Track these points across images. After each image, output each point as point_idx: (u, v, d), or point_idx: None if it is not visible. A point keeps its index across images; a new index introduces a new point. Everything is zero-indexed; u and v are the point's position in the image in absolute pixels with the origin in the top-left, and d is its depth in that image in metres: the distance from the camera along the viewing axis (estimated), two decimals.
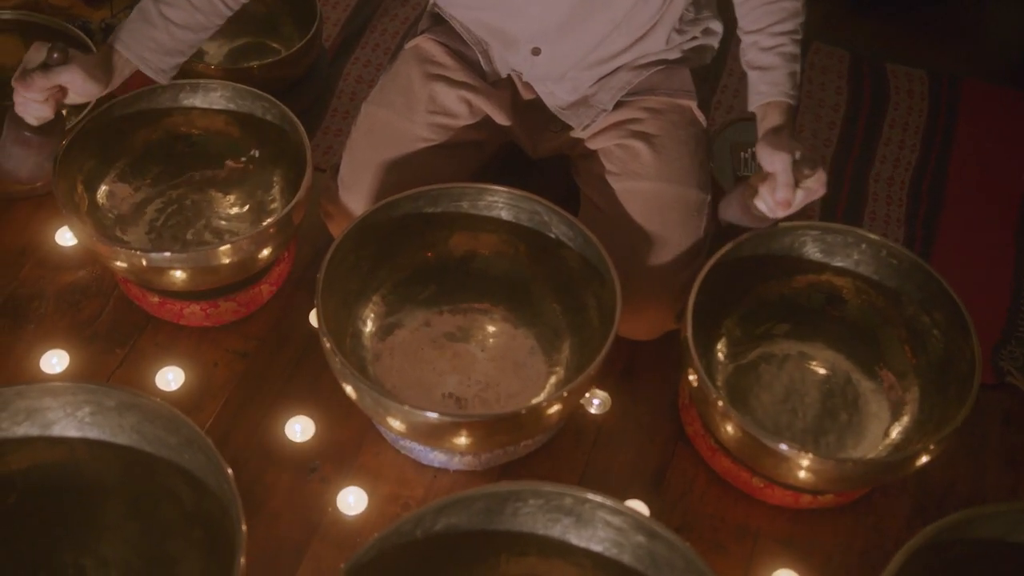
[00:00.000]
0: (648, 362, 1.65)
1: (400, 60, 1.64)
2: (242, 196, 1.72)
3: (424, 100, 1.58)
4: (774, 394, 1.55)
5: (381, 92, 1.64)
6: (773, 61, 1.44)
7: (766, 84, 1.44)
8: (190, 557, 1.29)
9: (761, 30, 1.45)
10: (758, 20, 1.45)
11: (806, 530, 1.49)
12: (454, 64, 1.59)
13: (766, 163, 1.39)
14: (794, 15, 1.44)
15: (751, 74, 1.47)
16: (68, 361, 1.59)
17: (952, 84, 2.13)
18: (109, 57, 1.45)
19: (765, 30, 1.44)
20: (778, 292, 1.58)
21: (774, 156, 1.37)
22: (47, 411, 1.29)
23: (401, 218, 1.53)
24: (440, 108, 1.58)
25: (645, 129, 1.57)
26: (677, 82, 1.60)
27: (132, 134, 1.67)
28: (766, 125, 1.43)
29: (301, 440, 1.53)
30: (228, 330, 1.65)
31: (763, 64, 1.45)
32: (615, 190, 1.56)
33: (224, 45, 2.02)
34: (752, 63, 1.46)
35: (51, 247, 1.73)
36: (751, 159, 1.88)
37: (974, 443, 1.61)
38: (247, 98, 1.66)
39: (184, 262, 1.47)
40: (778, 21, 1.44)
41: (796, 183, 1.37)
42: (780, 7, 1.44)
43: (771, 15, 1.44)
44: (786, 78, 1.43)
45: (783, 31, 1.44)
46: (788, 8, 1.44)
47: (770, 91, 1.44)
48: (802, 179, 1.36)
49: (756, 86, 1.46)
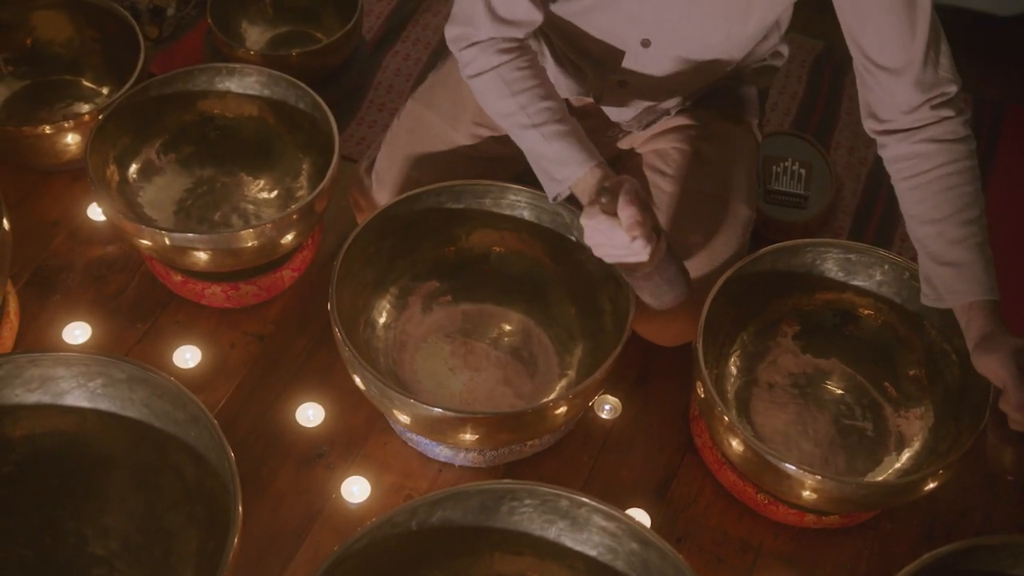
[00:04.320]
0: (663, 370, 1.64)
1: (452, 61, 1.63)
2: (271, 181, 1.74)
3: (471, 109, 1.59)
4: (785, 411, 1.53)
5: (430, 91, 1.64)
6: (967, 256, 1.27)
7: (964, 283, 1.27)
8: (188, 533, 1.30)
9: (946, 219, 1.28)
10: (939, 208, 1.28)
11: (809, 550, 1.48)
12: None
13: (986, 372, 1.25)
14: (977, 199, 1.29)
15: (939, 269, 1.29)
16: (90, 333, 1.62)
17: (995, 109, 2.10)
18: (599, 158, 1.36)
19: (950, 219, 1.28)
20: (796, 308, 1.57)
21: (993, 361, 1.22)
22: (60, 380, 1.32)
23: (423, 212, 1.53)
24: (485, 121, 1.58)
25: (707, 137, 1.57)
26: (743, 99, 1.61)
27: (167, 114, 1.70)
28: (974, 332, 1.26)
29: (310, 426, 1.54)
30: (247, 313, 1.66)
31: (955, 260, 1.28)
32: (668, 193, 1.56)
33: (266, 32, 2.04)
34: (940, 257, 1.29)
35: (83, 221, 1.76)
36: (783, 174, 1.87)
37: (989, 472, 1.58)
38: (281, 85, 1.68)
39: (206, 243, 1.49)
40: (963, 208, 1.28)
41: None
42: (963, 192, 1.28)
43: (953, 202, 1.28)
44: (984, 273, 1.27)
45: (970, 219, 1.28)
46: (971, 192, 1.28)
47: (970, 290, 1.27)
48: None
49: (950, 284, 1.29)
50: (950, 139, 1.28)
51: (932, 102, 1.28)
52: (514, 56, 1.38)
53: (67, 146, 1.73)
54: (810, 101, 2.07)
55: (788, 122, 2.03)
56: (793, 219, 1.81)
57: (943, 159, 1.28)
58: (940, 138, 1.28)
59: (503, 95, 1.37)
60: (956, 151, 1.29)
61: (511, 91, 1.37)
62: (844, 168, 1.96)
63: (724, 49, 1.41)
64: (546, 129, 1.35)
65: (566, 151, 1.34)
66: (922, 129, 1.29)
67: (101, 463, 1.36)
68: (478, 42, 1.38)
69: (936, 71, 1.27)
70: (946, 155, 1.28)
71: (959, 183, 1.28)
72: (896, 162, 1.32)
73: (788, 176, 1.87)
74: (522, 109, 1.36)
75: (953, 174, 1.28)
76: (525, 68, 1.38)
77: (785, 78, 2.10)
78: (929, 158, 1.29)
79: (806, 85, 2.09)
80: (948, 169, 1.28)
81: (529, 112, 1.36)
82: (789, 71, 2.11)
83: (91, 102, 1.88)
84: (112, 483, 1.35)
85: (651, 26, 1.36)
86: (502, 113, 1.39)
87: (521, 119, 1.37)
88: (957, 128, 1.29)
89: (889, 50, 1.26)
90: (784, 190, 1.84)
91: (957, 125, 1.29)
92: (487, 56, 1.37)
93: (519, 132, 1.38)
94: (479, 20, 1.36)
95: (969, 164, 1.29)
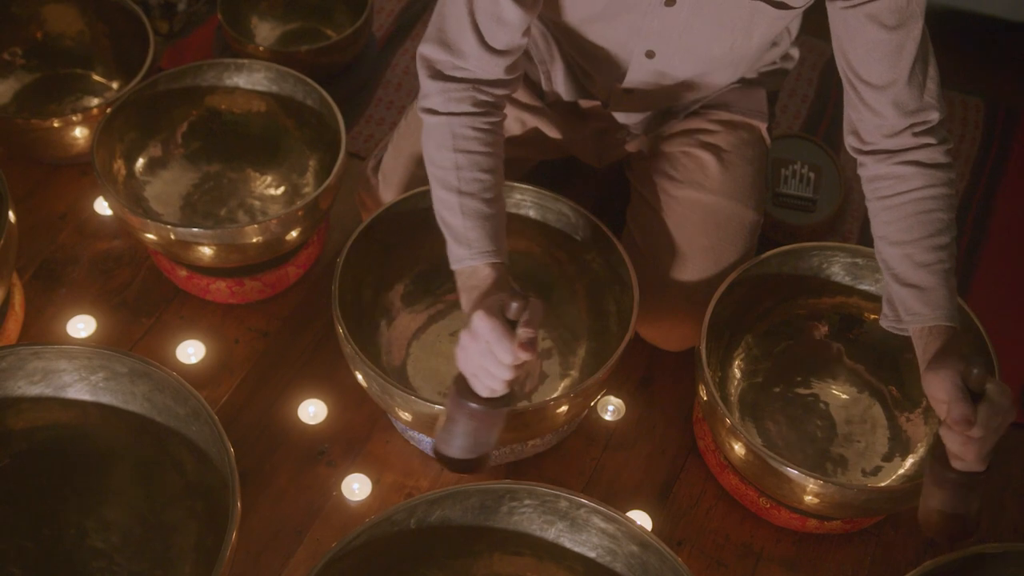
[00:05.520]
0: (668, 373, 1.64)
1: None
2: (278, 178, 1.74)
3: None
4: (788, 415, 1.53)
5: None
6: (932, 281, 1.25)
7: (925, 306, 1.25)
8: (188, 527, 1.30)
9: (914, 241, 1.26)
10: (909, 230, 1.27)
11: (810, 555, 1.47)
12: None
13: (930, 392, 1.19)
14: (950, 228, 1.27)
15: (901, 290, 1.27)
16: (95, 327, 1.62)
17: (1009, 115, 2.08)
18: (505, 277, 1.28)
19: (920, 242, 1.26)
20: (801, 312, 1.56)
21: (938, 378, 1.18)
22: (62, 373, 1.32)
23: (428, 209, 1.52)
24: None
25: (715, 142, 1.57)
26: (753, 102, 1.60)
27: (175, 109, 1.70)
28: (928, 355, 1.23)
29: (313, 423, 1.54)
30: (252, 308, 1.66)
31: (919, 282, 1.25)
32: (674, 196, 1.55)
33: (276, 28, 2.04)
34: (903, 279, 1.27)
35: (90, 214, 1.77)
36: (792, 177, 1.86)
37: (996, 481, 1.57)
38: (289, 81, 1.68)
39: (210, 238, 1.49)
40: (934, 234, 1.26)
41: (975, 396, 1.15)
42: (935, 218, 1.26)
43: (925, 226, 1.26)
44: (947, 300, 1.24)
45: (940, 245, 1.26)
46: (944, 220, 1.26)
47: (931, 314, 1.24)
48: (978, 386, 1.15)
49: (910, 305, 1.26)
50: (929, 164, 1.27)
51: (914, 128, 1.27)
52: (479, 113, 1.30)
53: (75, 139, 1.73)
54: (820, 104, 2.06)
55: (798, 124, 2.02)
56: (801, 222, 1.80)
57: (920, 183, 1.27)
58: (919, 162, 1.27)
59: (444, 146, 1.29)
60: (934, 177, 1.27)
61: (454, 146, 1.28)
62: (853, 172, 1.94)
63: (729, 59, 1.41)
64: (468, 201, 1.27)
65: (474, 233, 1.27)
66: (902, 152, 1.28)
67: (102, 456, 1.36)
68: (455, 79, 1.29)
69: (921, 95, 1.26)
70: (924, 179, 1.27)
71: (933, 208, 1.27)
72: (873, 182, 1.31)
73: (797, 179, 1.86)
74: (456, 169, 1.28)
75: (928, 199, 1.27)
76: (483, 131, 1.30)
77: (795, 80, 2.09)
78: (906, 180, 1.28)
79: (816, 88, 2.08)
80: (924, 193, 1.27)
81: (461, 176, 1.28)
82: (799, 73, 2.10)
83: (101, 96, 1.89)
84: (113, 476, 1.36)
85: (655, 38, 1.35)
86: (435, 163, 1.30)
87: (449, 178, 1.28)
88: (938, 156, 1.28)
89: (875, 65, 1.25)
90: (792, 193, 1.83)
91: (938, 153, 1.28)
92: (455, 100, 1.29)
93: (439, 189, 1.29)
94: (467, 50, 1.27)
95: (946, 192, 1.28)
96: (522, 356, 1.13)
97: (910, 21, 1.23)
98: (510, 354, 1.13)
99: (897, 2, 1.22)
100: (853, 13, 1.24)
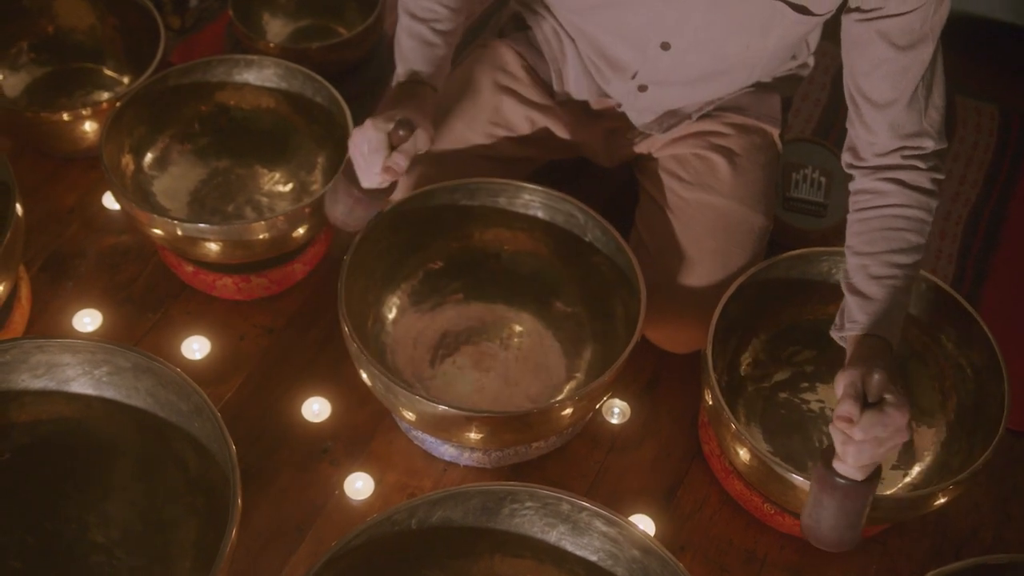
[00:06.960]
0: (674, 376, 1.63)
1: (474, 59, 1.63)
2: (286, 174, 1.74)
3: (489, 110, 1.58)
4: (793, 420, 1.52)
5: (447, 90, 1.63)
6: (879, 293, 1.25)
7: (865, 315, 1.25)
8: (189, 523, 1.30)
9: (874, 255, 1.26)
10: (872, 243, 1.27)
11: (815, 562, 1.46)
12: (527, 79, 1.58)
13: (836, 388, 1.17)
14: (916, 249, 1.26)
15: (849, 298, 1.27)
16: (100, 321, 1.62)
17: (1023, 121, 2.06)
18: (426, 98, 1.38)
19: (879, 256, 1.26)
20: (809, 317, 1.55)
21: (841, 376, 1.16)
22: (66, 367, 1.32)
23: (436, 208, 1.53)
24: (503, 121, 1.58)
25: (727, 145, 1.56)
26: (766, 107, 1.59)
27: (184, 104, 1.70)
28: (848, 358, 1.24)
29: (316, 421, 1.54)
30: (258, 305, 1.66)
31: (868, 292, 1.25)
32: (684, 198, 1.54)
33: (288, 25, 2.04)
34: (855, 287, 1.27)
35: (98, 209, 1.77)
36: (803, 181, 1.85)
37: (1003, 491, 1.55)
38: (298, 78, 1.68)
39: (217, 234, 1.48)
40: (896, 251, 1.26)
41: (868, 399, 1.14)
42: (902, 237, 1.26)
43: (889, 242, 1.26)
44: (887, 315, 1.24)
45: (900, 263, 1.26)
46: (911, 241, 1.26)
47: (867, 323, 1.24)
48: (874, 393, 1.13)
49: (852, 313, 1.26)
50: (911, 186, 1.27)
51: (904, 152, 1.27)
52: None
53: (84, 133, 1.73)
54: (833, 108, 2.04)
55: (810, 129, 2.01)
56: (811, 227, 1.79)
57: (896, 200, 1.27)
58: (902, 181, 1.27)
59: None
60: (912, 198, 1.27)
61: None
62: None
63: (743, 58, 1.40)
64: (416, 25, 1.40)
65: (413, 54, 1.40)
66: (887, 169, 1.28)
67: (104, 451, 1.36)
68: None
69: (920, 120, 1.26)
70: (901, 198, 1.27)
71: (903, 227, 1.27)
72: (856, 194, 1.31)
73: (808, 184, 1.84)
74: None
75: (900, 217, 1.27)
76: None
77: (808, 84, 2.08)
78: (884, 196, 1.28)
79: (829, 92, 2.07)
80: (897, 212, 1.27)
81: (418, 2, 1.40)
82: (813, 77, 2.09)
83: (111, 90, 1.89)
84: (115, 471, 1.35)
85: (672, 28, 1.35)
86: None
87: (408, 3, 1.41)
88: (922, 180, 1.27)
89: (879, 83, 1.25)
90: (803, 197, 1.82)
91: (923, 177, 1.27)
92: None
93: (400, 14, 1.42)
94: None
95: (920, 215, 1.27)
96: (384, 178, 1.30)
97: (920, 44, 1.23)
98: (375, 168, 1.30)
99: (910, 23, 1.21)
100: (865, 27, 1.24)
